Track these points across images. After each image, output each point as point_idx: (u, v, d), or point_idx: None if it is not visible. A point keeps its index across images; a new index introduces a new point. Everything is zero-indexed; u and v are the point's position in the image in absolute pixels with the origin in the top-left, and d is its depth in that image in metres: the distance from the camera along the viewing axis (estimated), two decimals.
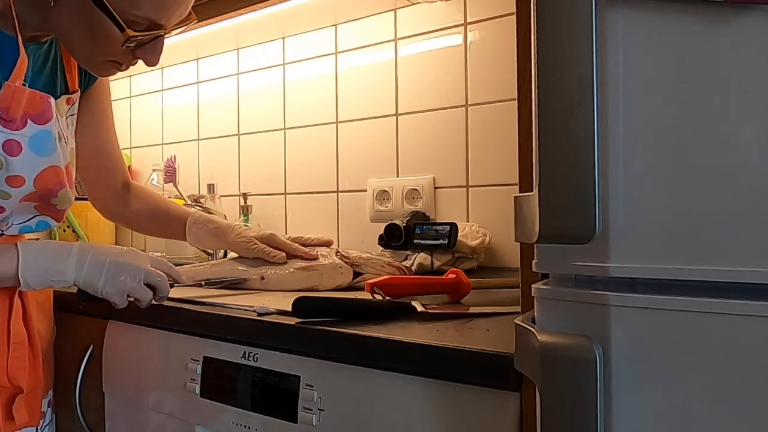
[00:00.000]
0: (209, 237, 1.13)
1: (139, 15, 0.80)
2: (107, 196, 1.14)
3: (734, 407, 0.42)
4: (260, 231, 1.13)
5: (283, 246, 1.09)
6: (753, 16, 0.41)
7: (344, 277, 1.06)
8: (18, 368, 0.93)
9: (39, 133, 0.88)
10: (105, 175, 1.12)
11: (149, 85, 2.07)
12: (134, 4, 0.79)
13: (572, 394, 0.46)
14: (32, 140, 0.87)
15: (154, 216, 1.15)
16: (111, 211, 1.17)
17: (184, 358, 0.88)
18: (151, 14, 0.81)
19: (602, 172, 0.46)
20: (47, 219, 0.95)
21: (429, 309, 0.81)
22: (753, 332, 0.42)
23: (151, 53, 0.87)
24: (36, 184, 0.88)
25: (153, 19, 0.82)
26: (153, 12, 0.81)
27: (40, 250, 0.85)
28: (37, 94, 0.88)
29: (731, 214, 0.43)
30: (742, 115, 0.42)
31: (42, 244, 0.89)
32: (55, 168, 0.90)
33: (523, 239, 0.52)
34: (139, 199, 1.16)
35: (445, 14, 1.41)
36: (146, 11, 0.80)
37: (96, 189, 1.14)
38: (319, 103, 1.63)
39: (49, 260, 0.84)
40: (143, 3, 0.80)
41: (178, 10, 0.84)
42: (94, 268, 0.85)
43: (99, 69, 0.91)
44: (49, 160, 0.89)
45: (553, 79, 0.46)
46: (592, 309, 0.47)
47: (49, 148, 0.89)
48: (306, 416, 0.74)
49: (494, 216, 1.34)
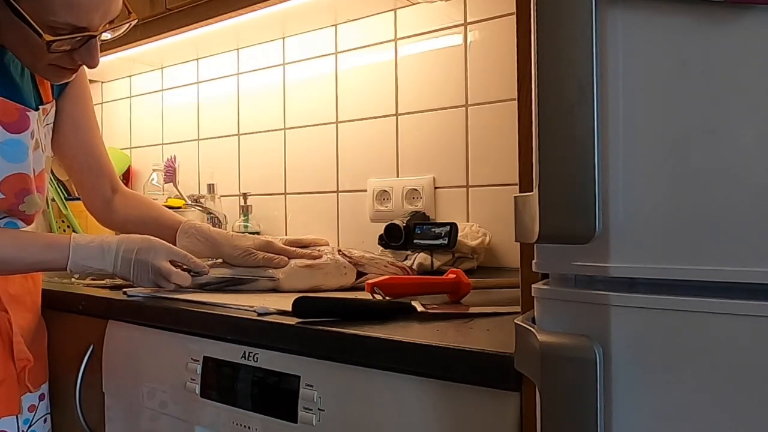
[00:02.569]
0: (202, 249, 1.07)
1: (57, 21, 0.82)
2: (97, 201, 1.15)
3: (734, 407, 0.42)
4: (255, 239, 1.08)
5: (283, 252, 1.06)
6: (753, 16, 0.41)
7: (348, 278, 1.05)
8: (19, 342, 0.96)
9: (10, 140, 0.92)
10: (91, 177, 1.13)
11: (149, 85, 2.07)
12: (49, 11, 0.81)
13: (572, 394, 0.46)
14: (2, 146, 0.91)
15: (143, 223, 1.12)
16: (100, 216, 1.17)
17: (184, 358, 0.88)
18: (68, 19, 0.82)
19: (602, 172, 0.46)
20: (16, 221, 1.00)
21: (429, 309, 0.81)
22: (753, 332, 0.42)
23: (87, 55, 0.89)
24: (2, 188, 0.92)
25: (72, 23, 0.83)
26: (69, 17, 0.82)
27: (86, 247, 0.95)
28: (11, 105, 0.93)
29: (731, 214, 0.43)
30: (742, 115, 0.42)
31: (88, 242, 0.96)
32: (23, 175, 0.94)
33: (523, 239, 0.52)
34: (128, 205, 1.15)
35: (445, 14, 1.41)
36: (63, 16, 0.82)
37: (86, 192, 1.15)
38: (319, 103, 1.63)
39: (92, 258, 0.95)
40: (57, 9, 0.81)
41: (97, 11, 0.84)
42: (125, 264, 0.96)
43: (47, 74, 0.94)
44: (17, 167, 0.93)
45: (552, 79, 0.46)
46: (592, 309, 0.47)
47: (19, 156, 0.93)
48: (306, 416, 0.74)
49: (494, 216, 1.34)
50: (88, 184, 1.14)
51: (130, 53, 1.77)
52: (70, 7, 0.82)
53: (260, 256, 1.04)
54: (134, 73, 2.09)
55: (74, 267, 0.94)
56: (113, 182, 1.16)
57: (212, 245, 1.07)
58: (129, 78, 2.13)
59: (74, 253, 0.94)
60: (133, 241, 0.97)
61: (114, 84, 2.18)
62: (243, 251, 1.04)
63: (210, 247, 1.07)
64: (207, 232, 1.08)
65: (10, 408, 0.97)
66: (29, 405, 1.04)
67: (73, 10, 0.82)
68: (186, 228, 1.09)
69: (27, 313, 1.03)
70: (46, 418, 1.08)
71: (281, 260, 1.04)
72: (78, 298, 1.04)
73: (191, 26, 1.49)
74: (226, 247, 1.05)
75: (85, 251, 0.95)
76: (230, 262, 1.05)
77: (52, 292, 1.10)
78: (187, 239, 1.08)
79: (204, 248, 1.07)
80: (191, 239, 1.08)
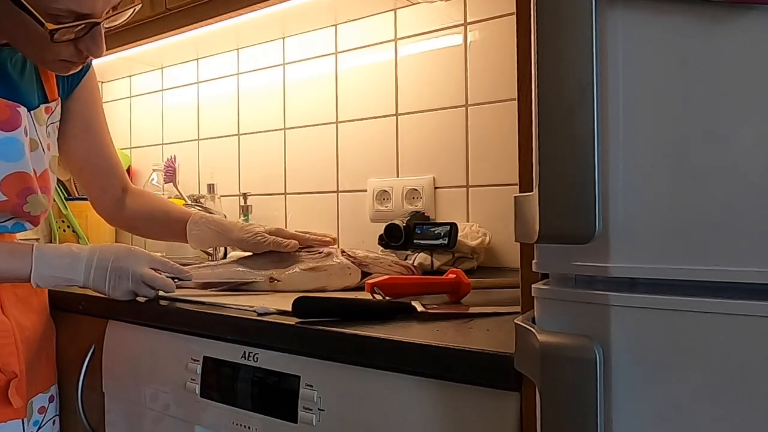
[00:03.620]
0: (212, 237, 1.08)
1: (60, 8, 0.80)
2: (106, 200, 1.14)
3: (734, 407, 0.42)
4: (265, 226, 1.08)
5: (294, 237, 1.05)
6: (753, 16, 0.41)
7: (353, 278, 1.04)
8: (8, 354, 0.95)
9: (4, 139, 0.90)
10: (100, 177, 1.12)
11: (149, 85, 2.07)
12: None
13: (572, 394, 0.46)
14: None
15: (153, 218, 1.13)
16: (110, 215, 1.16)
17: (184, 358, 0.88)
18: (71, 6, 0.80)
19: (602, 172, 0.46)
20: (23, 222, 0.98)
21: (429, 309, 0.81)
22: (753, 332, 0.42)
23: (92, 44, 0.87)
24: (3, 189, 0.91)
25: (74, 10, 0.81)
26: (71, 3, 0.80)
27: (52, 256, 0.90)
28: (3, 102, 0.90)
29: (731, 214, 0.43)
30: (742, 115, 0.42)
31: (54, 250, 0.92)
32: (23, 174, 0.93)
33: (523, 239, 0.52)
34: (137, 202, 1.14)
35: (445, 14, 1.41)
36: (65, 3, 0.80)
37: (94, 192, 1.14)
38: (319, 103, 1.63)
39: (59, 268, 0.90)
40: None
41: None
42: (100, 274, 0.91)
43: (54, 68, 0.92)
44: (14, 166, 0.91)
45: (552, 79, 0.46)
46: (592, 309, 0.47)
47: (15, 155, 0.91)
48: (306, 416, 0.74)
49: (494, 216, 1.34)
50: (98, 185, 1.13)
51: (130, 53, 1.77)
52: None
53: (270, 239, 1.03)
54: (134, 73, 2.09)
55: (39, 279, 0.89)
56: (123, 182, 1.15)
57: (222, 232, 1.07)
58: (129, 78, 2.13)
59: (38, 264, 0.88)
60: (107, 250, 0.93)
61: (114, 84, 2.18)
62: (253, 234, 1.04)
63: (220, 234, 1.07)
64: (217, 220, 1.10)
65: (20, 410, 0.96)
66: (39, 407, 1.03)
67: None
68: (196, 218, 1.09)
69: (32, 314, 1.03)
70: (54, 420, 1.08)
71: (290, 244, 1.04)
72: (78, 298, 1.04)
73: (191, 26, 1.49)
74: (236, 232, 1.06)
75: (51, 261, 0.89)
76: (240, 246, 1.06)
77: (52, 291, 1.09)
78: (197, 228, 1.08)
79: (214, 236, 1.07)
80: (201, 228, 1.08)
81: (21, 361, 0.97)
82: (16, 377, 0.95)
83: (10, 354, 0.95)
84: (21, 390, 0.96)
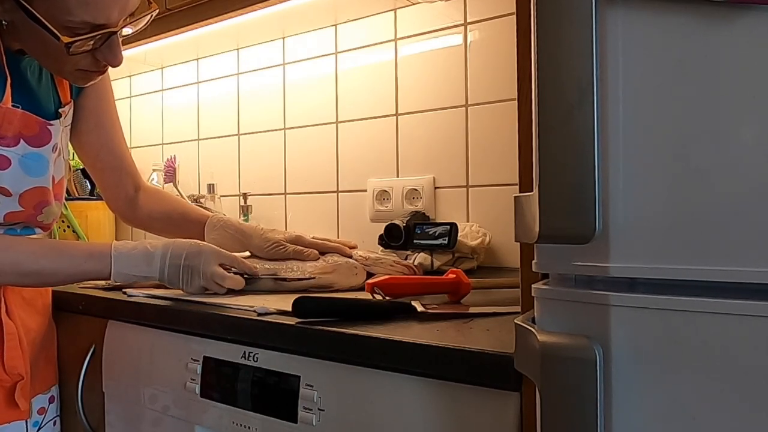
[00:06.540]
0: (231, 242, 1.06)
1: (74, 20, 0.79)
2: (120, 199, 1.13)
3: (734, 407, 0.42)
4: (284, 232, 1.07)
5: (314, 245, 1.05)
6: (753, 16, 0.41)
7: (359, 278, 1.04)
8: (14, 357, 0.95)
9: (32, 154, 0.91)
10: (114, 175, 1.12)
11: (149, 85, 2.07)
12: (65, 11, 0.78)
13: (572, 394, 0.46)
14: (23, 159, 0.90)
15: (170, 219, 1.12)
16: (123, 214, 1.15)
17: (184, 358, 0.88)
18: (85, 17, 0.79)
19: (602, 172, 0.46)
20: (33, 228, 0.98)
21: (429, 309, 0.81)
22: (753, 332, 0.42)
23: (109, 54, 0.86)
24: (21, 202, 0.91)
25: (89, 21, 0.80)
26: (86, 15, 0.79)
27: (129, 255, 0.93)
28: (33, 118, 0.91)
29: (731, 214, 0.43)
30: (742, 115, 0.42)
31: (130, 249, 0.94)
32: (43, 189, 0.93)
33: (523, 239, 0.52)
34: (153, 201, 1.14)
35: (445, 14, 1.41)
36: (79, 15, 0.79)
37: (107, 189, 1.14)
38: (319, 103, 1.63)
39: (137, 266, 0.94)
40: (73, 8, 0.78)
41: (115, 6, 0.81)
42: (173, 271, 0.94)
43: (74, 79, 0.92)
44: (36, 181, 0.92)
45: (552, 79, 0.46)
46: (592, 309, 0.47)
47: (39, 170, 0.92)
48: (306, 416, 0.74)
49: (494, 216, 1.34)
50: (111, 183, 1.13)
51: (130, 53, 1.77)
52: (86, 5, 0.78)
53: (290, 249, 1.03)
54: (134, 73, 2.09)
55: (118, 277, 0.93)
56: (136, 180, 1.15)
57: (241, 238, 1.06)
58: (129, 78, 2.13)
59: (116, 262, 0.92)
60: (180, 246, 0.95)
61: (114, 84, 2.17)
62: (273, 243, 1.03)
63: (239, 240, 1.06)
64: (236, 225, 1.08)
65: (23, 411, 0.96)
66: (39, 407, 1.03)
67: (89, 7, 0.78)
68: (214, 222, 1.08)
69: (38, 315, 1.03)
70: (55, 421, 1.08)
71: (311, 253, 1.03)
72: (78, 298, 1.04)
73: (191, 26, 1.49)
74: (256, 239, 1.05)
75: (128, 259, 0.93)
76: (259, 254, 1.05)
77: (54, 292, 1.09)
78: (216, 232, 1.07)
79: (233, 242, 1.06)
80: (220, 232, 1.07)
81: (26, 363, 0.97)
82: (22, 379, 0.95)
83: (16, 357, 0.95)
84: (25, 391, 0.96)
